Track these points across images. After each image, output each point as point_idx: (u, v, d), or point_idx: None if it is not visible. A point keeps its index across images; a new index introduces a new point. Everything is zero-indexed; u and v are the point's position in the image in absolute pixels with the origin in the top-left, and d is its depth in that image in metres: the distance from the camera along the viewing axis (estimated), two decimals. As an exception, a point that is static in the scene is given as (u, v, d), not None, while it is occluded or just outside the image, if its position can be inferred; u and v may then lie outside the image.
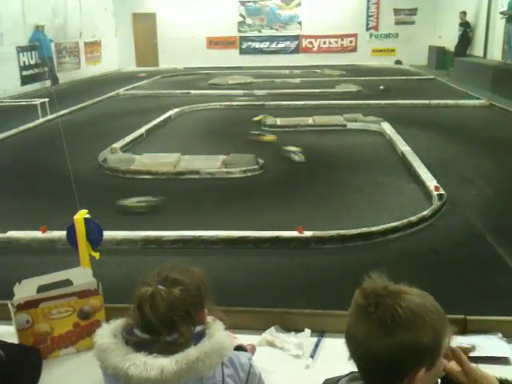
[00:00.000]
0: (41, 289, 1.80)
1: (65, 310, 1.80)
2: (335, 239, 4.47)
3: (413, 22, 20.31)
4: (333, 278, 3.92)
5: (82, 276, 1.84)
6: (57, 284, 1.83)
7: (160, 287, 1.36)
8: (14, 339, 1.78)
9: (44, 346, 1.81)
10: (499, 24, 13.74)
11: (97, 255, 1.94)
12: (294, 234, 4.46)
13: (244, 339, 1.75)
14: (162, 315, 1.33)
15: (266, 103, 11.50)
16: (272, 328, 1.86)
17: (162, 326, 1.34)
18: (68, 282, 1.83)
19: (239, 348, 1.63)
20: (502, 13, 13.09)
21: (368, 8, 20.48)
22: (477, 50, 15.75)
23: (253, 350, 1.74)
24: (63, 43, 16.70)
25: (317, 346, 1.79)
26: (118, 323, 1.42)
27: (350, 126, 9.02)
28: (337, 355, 1.60)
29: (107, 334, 1.39)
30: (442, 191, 5.28)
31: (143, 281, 1.41)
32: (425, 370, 1.13)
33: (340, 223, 4.79)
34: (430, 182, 5.62)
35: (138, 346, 1.34)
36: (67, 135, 8.20)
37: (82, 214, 1.90)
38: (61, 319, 1.80)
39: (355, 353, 1.16)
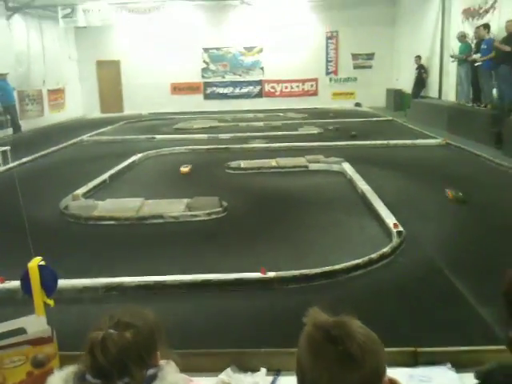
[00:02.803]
0: (-7, 338, 1.78)
1: (18, 359, 1.77)
2: (298, 279, 4.50)
3: (370, 66, 21.10)
4: (297, 317, 3.93)
5: (36, 324, 1.82)
6: (10, 333, 1.81)
7: (111, 331, 1.38)
8: (-35, 392, 1.74)
9: (-4, 397, 1.77)
10: (452, 67, 14.41)
11: (51, 302, 1.93)
12: (257, 275, 4.48)
13: (201, 381, 1.76)
14: (114, 359, 1.34)
15: (231, 146, 11.65)
16: (228, 369, 1.88)
17: (114, 370, 1.34)
18: (22, 331, 1.81)
19: (194, 390, 1.63)
20: (451, 56, 13.76)
21: (327, 53, 21.22)
22: (432, 91, 16.42)
23: (208, 391, 1.75)
24: (26, 91, 16.68)
25: (272, 384, 1.81)
26: (69, 370, 1.42)
27: (312, 166, 9.21)
28: (292, 393, 1.62)
29: (58, 380, 1.39)
30: (400, 228, 5.40)
31: (95, 326, 1.42)
32: None
33: (304, 263, 4.83)
34: (390, 219, 5.75)
35: (90, 391, 1.34)
36: (29, 183, 8.24)
37: (36, 262, 1.90)
38: (14, 368, 1.77)
39: None
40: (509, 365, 1.29)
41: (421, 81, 16.84)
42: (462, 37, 12.98)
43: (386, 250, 4.96)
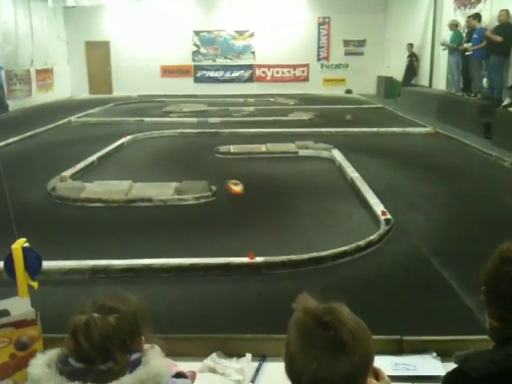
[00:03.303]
0: (-24, 320, 1.75)
1: (1, 341, 1.75)
2: (286, 264, 4.51)
3: (362, 53, 21.01)
4: (284, 303, 3.93)
5: (19, 306, 1.80)
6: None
7: (95, 315, 1.36)
8: None
9: (-21, 379, 1.75)
10: (443, 56, 14.40)
11: (35, 285, 1.90)
12: (245, 260, 4.48)
13: (186, 366, 1.75)
14: (97, 343, 1.32)
15: (220, 131, 11.59)
16: (214, 354, 1.87)
17: (97, 355, 1.32)
18: (5, 313, 1.79)
19: (179, 375, 1.62)
20: (442, 44, 13.71)
21: (319, 39, 21.10)
22: (423, 80, 16.42)
23: (193, 376, 1.74)
24: (14, 70, 16.43)
25: (258, 370, 1.80)
26: (52, 353, 1.40)
27: (302, 153, 9.19)
28: (277, 379, 1.61)
29: (41, 364, 1.37)
30: (388, 216, 5.42)
31: (79, 310, 1.40)
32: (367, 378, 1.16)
33: (291, 249, 4.84)
34: (378, 207, 5.77)
35: (73, 375, 1.32)
36: (16, 163, 8.14)
37: (20, 243, 1.87)
38: (-4, 351, 1.75)
39: (303, 375, 1.09)
40: (484, 351, 1.31)
41: (412, 69, 16.82)
42: (454, 25, 12.93)
43: (373, 237, 4.98)
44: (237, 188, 6.93)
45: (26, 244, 1.87)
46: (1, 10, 15.65)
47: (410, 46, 16.79)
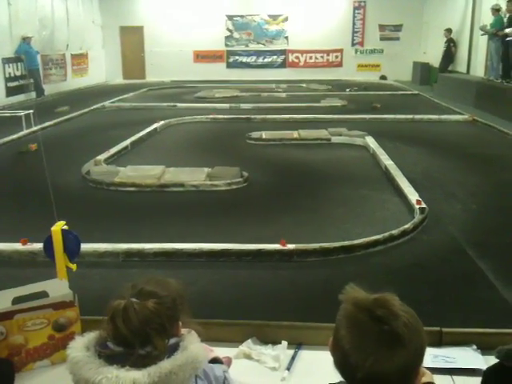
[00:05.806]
0: (16, 301, 1.78)
1: (40, 322, 1.78)
2: (318, 252, 4.48)
3: (398, 38, 20.60)
4: (315, 290, 3.92)
5: (58, 288, 1.82)
6: (33, 296, 1.81)
7: (133, 300, 1.35)
8: (-13, 352, 1.75)
9: (18, 358, 1.79)
10: (482, 41, 13.99)
11: (74, 267, 1.93)
12: (277, 246, 4.46)
13: (221, 352, 1.75)
14: (135, 328, 1.32)
15: (252, 117, 11.55)
16: (249, 340, 1.86)
17: (135, 339, 1.32)
18: (44, 294, 1.82)
19: (215, 360, 1.62)
20: (481, 28, 13.29)
21: (354, 24, 20.75)
22: (460, 66, 16.01)
23: (229, 362, 1.73)
24: (50, 55, 16.67)
25: (293, 358, 1.79)
26: (91, 336, 1.41)
27: (335, 139, 9.09)
28: (313, 367, 1.60)
29: (80, 346, 1.37)
30: (423, 205, 5.31)
31: (117, 294, 1.40)
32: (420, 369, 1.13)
33: (324, 236, 4.80)
34: (413, 195, 5.66)
35: (111, 359, 1.33)
36: (51, 147, 8.28)
37: (59, 226, 1.89)
38: (36, 331, 1.78)
39: (359, 371, 1.06)
40: None
41: (449, 55, 16.42)
42: (495, 10, 12.52)
43: (407, 226, 4.89)
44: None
45: (65, 226, 1.89)
46: (38, -6, 15.86)
47: (448, 31, 16.37)
